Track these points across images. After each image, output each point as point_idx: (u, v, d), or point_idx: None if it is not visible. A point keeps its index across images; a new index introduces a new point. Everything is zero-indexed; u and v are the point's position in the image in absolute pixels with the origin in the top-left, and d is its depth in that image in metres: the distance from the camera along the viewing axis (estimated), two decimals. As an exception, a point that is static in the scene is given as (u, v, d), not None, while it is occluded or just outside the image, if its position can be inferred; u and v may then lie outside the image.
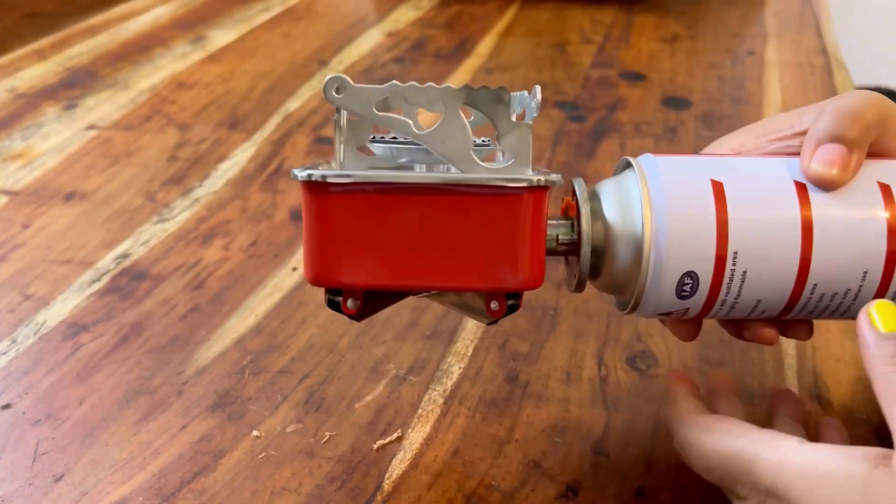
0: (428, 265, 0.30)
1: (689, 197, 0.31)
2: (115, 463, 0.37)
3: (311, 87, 0.75)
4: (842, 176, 0.31)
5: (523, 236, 0.30)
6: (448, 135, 0.29)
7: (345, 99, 0.29)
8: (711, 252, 0.30)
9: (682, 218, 0.31)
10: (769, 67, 0.81)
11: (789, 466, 0.27)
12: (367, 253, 0.30)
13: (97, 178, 0.60)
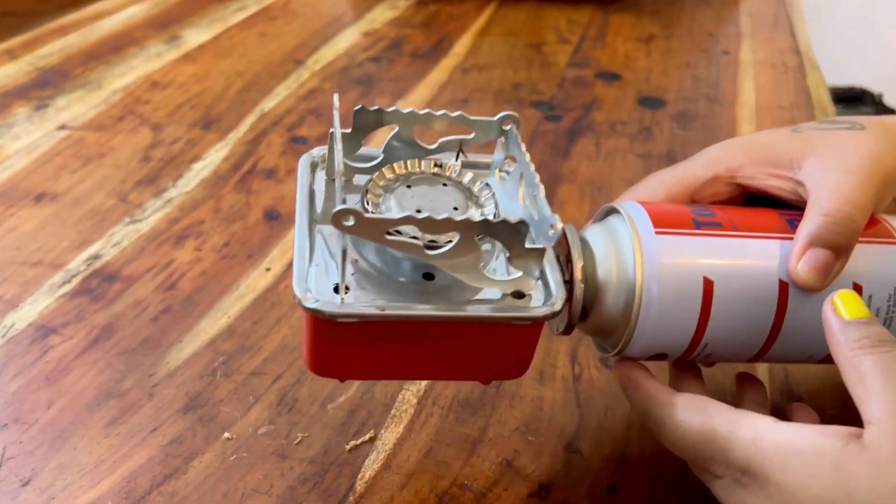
0: (426, 368, 0.32)
1: (680, 296, 0.32)
2: (83, 467, 0.37)
3: (286, 86, 0.74)
4: (823, 283, 0.32)
5: (520, 351, 0.32)
6: (460, 260, 0.29)
7: (356, 227, 0.28)
8: (685, 343, 0.33)
9: (669, 314, 0.32)
10: (743, 67, 0.82)
11: (764, 444, 0.28)
12: (368, 361, 0.31)
13: (68, 178, 0.59)
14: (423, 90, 0.75)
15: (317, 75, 0.77)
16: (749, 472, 0.28)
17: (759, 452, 0.28)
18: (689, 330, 0.32)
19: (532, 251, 0.29)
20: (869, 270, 0.33)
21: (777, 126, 0.68)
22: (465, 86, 0.76)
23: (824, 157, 0.33)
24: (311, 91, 0.74)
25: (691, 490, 0.35)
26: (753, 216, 0.34)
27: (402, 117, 0.35)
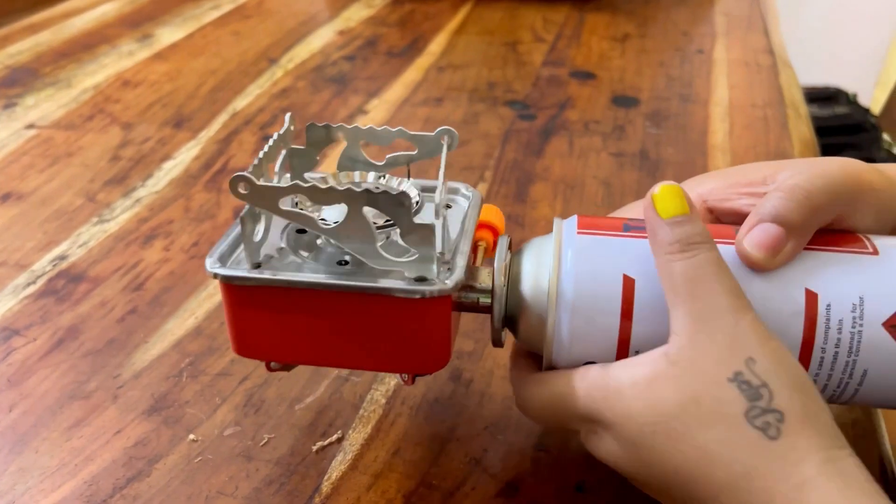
0: (338, 350, 0.32)
1: (598, 296, 0.30)
2: (44, 470, 0.36)
3: (259, 85, 0.74)
4: (769, 262, 0.30)
5: (423, 335, 0.31)
6: (352, 232, 0.30)
7: (250, 196, 0.29)
8: (612, 347, 0.30)
9: (587, 314, 0.30)
10: (717, 66, 0.82)
11: (594, 392, 0.29)
12: (280, 337, 0.32)
13: (35, 178, 0.58)
14: (397, 89, 0.74)
15: (290, 74, 0.76)
16: (592, 420, 0.29)
17: (593, 401, 0.29)
18: (613, 333, 0.30)
19: (421, 226, 0.30)
20: (828, 278, 0.30)
21: (749, 123, 0.69)
22: (439, 85, 0.76)
23: (798, 166, 0.32)
24: (285, 90, 0.73)
25: (658, 487, 0.35)
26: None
27: (349, 132, 0.36)
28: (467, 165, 0.61)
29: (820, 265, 0.30)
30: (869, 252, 0.31)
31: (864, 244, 0.31)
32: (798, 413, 0.26)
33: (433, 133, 0.36)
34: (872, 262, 0.30)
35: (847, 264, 0.30)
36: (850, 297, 0.30)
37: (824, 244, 0.31)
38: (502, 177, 0.60)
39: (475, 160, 0.62)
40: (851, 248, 0.31)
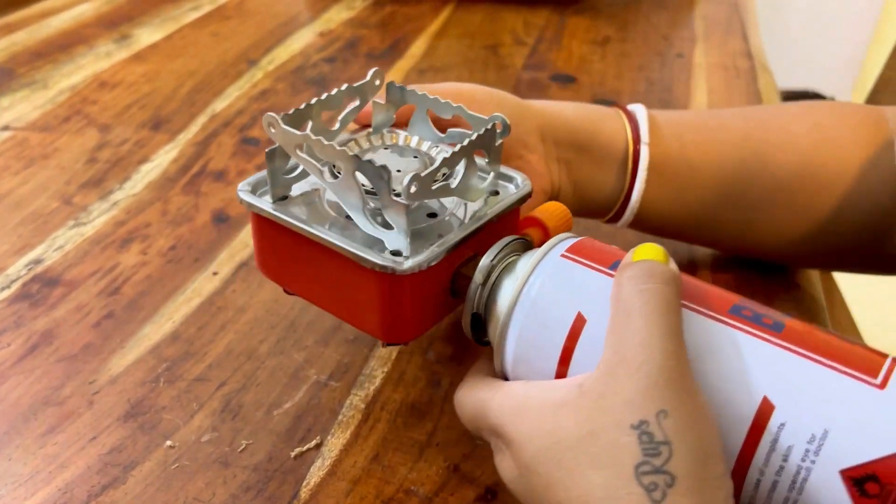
0: (323, 294, 0.35)
1: (548, 322, 0.29)
2: (18, 478, 0.36)
3: (238, 87, 0.73)
4: None
5: (381, 304, 0.32)
6: (344, 191, 0.32)
7: (276, 135, 0.32)
8: (550, 375, 0.30)
9: (534, 336, 0.30)
10: (696, 70, 0.83)
11: (507, 406, 0.28)
12: (286, 266, 0.36)
13: (10, 180, 0.58)
14: (378, 91, 0.74)
15: (270, 76, 0.76)
16: (499, 434, 0.28)
17: (503, 414, 0.28)
18: (552, 363, 0.29)
19: (396, 203, 0.31)
20: (797, 393, 0.25)
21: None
22: (420, 87, 0.76)
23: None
24: (264, 91, 0.73)
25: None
26: (700, 289, 0.29)
27: (419, 98, 0.38)
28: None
29: (796, 375, 0.26)
30: (874, 383, 0.25)
31: (877, 370, 0.25)
32: (692, 484, 0.23)
33: (486, 117, 0.36)
34: (867, 396, 0.25)
35: (831, 385, 0.25)
36: (813, 425, 0.25)
37: (829, 355, 0.26)
38: (483, 180, 0.60)
39: (456, 163, 0.62)
40: (854, 371, 0.25)
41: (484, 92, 0.41)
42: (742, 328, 0.27)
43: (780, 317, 0.28)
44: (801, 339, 0.26)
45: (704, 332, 0.27)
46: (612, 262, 0.30)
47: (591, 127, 0.43)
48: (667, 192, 0.44)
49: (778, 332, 0.27)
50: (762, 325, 0.27)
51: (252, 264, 0.49)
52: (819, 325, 0.30)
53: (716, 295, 0.29)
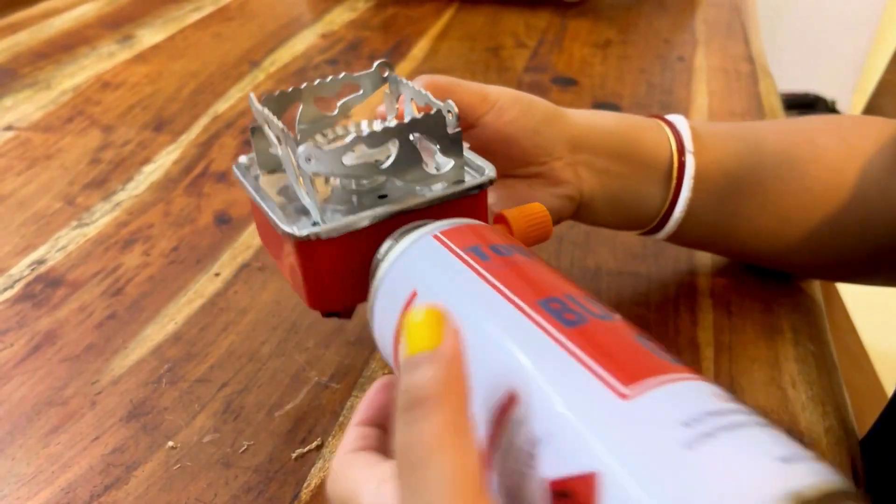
0: (281, 263, 0.37)
1: (390, 296, 0.29)
2: (20, 478, 0.36)
3: (240, 88, 0.74)
4: None
5: (298, 269, 0.34)
6: (286, 164, 0.33)
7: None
8: (390, 355, 0.30)
9: (383, 321, 0.30)
10: (697, 73, 0.83)
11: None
12: (267, 239, 0.38)
13: (13, 181, 0.58)
14: (380, 93, 0.74)
15: (272, 77, 0.76)
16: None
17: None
18: (390, 339, 0.29)
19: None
20: (537, 385, 0.22)
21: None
22: (422, 89, 0.76)
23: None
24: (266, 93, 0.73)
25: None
26: (546, 280, 0.27)
27: (302, 93, 0.38)
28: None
29: (550, 372, 0.23)
30: (620, 392, 0.21)
31: (633, 380, 0.21)
32: None
33: (372, 69, 0.38)
34: (604, 406, 0.21)
35: (577, 387, 0.22)
36: (542, 427, 0.22)
37: (600, 356, 0.22)
38: (484, 183, 0.60)
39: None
40: (609, 376, 0.22)
41: (510, 96, 0.41)
42: (534, 319, 0.25)
43: (590, 314, 0.25)
44: (586, 338, 0.23)
45: (501, 316, 0.25)
46: (469, 245, 0.29)
47: (633, 136, 0.43)
48: (706, 203, 0.44)
49: (568, 327, 0.24)
50: (559, 320, 0.24)
51: (254, 265, 0.50)
52: (789, 330, 0.28)
53: (538, 283, 0.27)
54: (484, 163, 0.37)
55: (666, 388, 0.21)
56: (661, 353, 0.23)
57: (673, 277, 0.50)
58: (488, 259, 0.28)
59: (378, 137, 0.32)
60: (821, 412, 0.40)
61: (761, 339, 0.45)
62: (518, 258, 0.29)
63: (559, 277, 0.28)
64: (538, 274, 0.28)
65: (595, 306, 0.26)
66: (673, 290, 0.49)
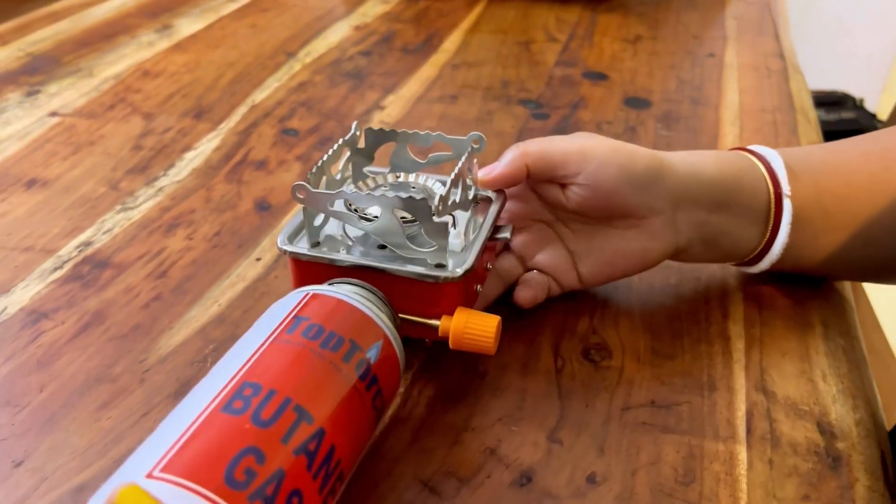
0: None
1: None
2: (74, 449, 0.37)
3: (277, 78, 0.75)
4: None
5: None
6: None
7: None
8: None
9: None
10: (728, 70, 0.83)
11: None
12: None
13: (59, 165, 0.60)
14: (413, 85, 0.76)
15: (308, 68, 0.78)
16: None
17: None
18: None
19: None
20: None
21: (759, 128, 0.70)
22: (454, 82, 0.77)
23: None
24: (302, 84, 0.74)
25: (665, 480, 0.36)
26: None
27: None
28: (481, 162, 0.62)
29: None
30: (150, 471, 0.26)
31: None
32: None
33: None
34: (138, 468, 0.26)
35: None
36: None
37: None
38: (516, 175, 0.61)
39: (489, 157, 0.63)
40: (169, 452, 0.26)
41: (609, 150, 0.42)
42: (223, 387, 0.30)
43: (251, 413, 0.29)
44: (211, 422, 0.28)
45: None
46: (298, 314, 0.34)
47: (733, 184, 0.44)
48: (802, 239, 0.44)
49: (220, 409, 0.29)
50: (227, 400, 0.29)
51: (293, 252, 0.51)
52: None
53: (269, 369, 0.31)
54: (467, 257, 0.40)
55: (178, 490, 0.25)
56: (230, 480, 0.26)
57: (704, 269, 0.50)
58: (289, 332, 0.33)
59: (368, 200, 0.38)
60: (851, 405, 0.41)
61: (792, 333, 0.45)
62: (290, 346, 0.32)
63: (292, 375, 0.31)
64: (281, 363, 0.31)
65: (273, 414, 0.29)
66: (704, 282, 0.49)
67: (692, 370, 0.43)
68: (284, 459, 0.28)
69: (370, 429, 0.33)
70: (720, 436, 0.39)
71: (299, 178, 0.59)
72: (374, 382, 0.33)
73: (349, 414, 0.31)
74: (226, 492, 0.25)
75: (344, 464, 0.31)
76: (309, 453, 0.28)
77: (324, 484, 0.29)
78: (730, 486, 0.37)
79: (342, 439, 0.30)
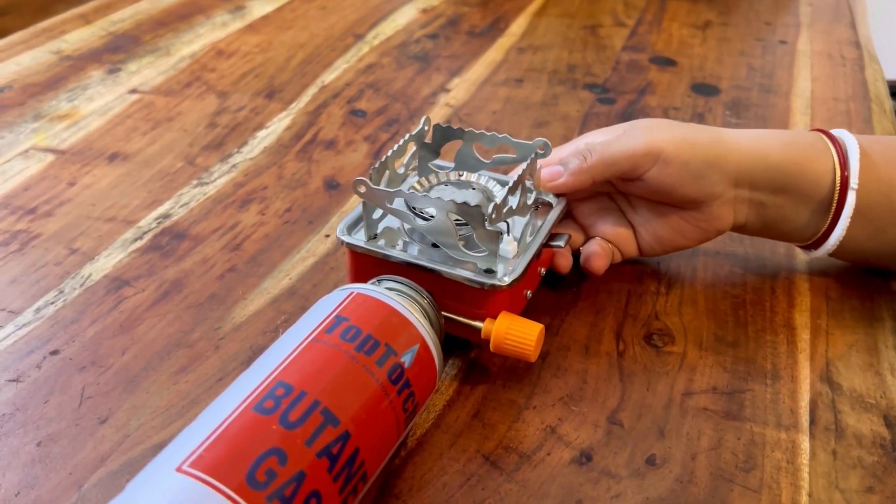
0: None
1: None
2: (155, 409, 0.39)
3: (345, 59, 0.76)
4: (549, 187, 0.45)
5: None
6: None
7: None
8: None
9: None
10: (800, 57, 0.81)
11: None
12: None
13: (139, 140, 0.62)
14: (478, 68, 0.76)
15: (375, 50, 0.79)
16: None
17: None
18: None
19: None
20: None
21: (831, 117, 0.68)
22: (520, 65, 0.77)
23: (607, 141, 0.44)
24: (370, 65, 0.75)
25: (725, 466, 0.37)
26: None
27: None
28: (546, 147, 0.63)
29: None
30: (179, 466, 0.28)
31: None
32: None
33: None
34: (166, 462, 0.28)
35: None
36: None
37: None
38: (581, 159, 0.62)
39: (554, 141, 0.63)
40: (201, 444, 0.28)
41: (673, 147, 0.42)
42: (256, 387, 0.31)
43: (280, 414, 0.30)
44: (243, 421, 0.30)
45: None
46: (339, 314, 0.35)
47: (797, 168, 0.43)
48: (865, 231, 0.44)
49: (253, 409, 0.30)
50: (258, 399, 0.31)
51: (361, 229, 0.52)
52: None
53: (301, 369, 0.32)
54: (518, 264, 0.40)
55: (201, 487, 0.27)
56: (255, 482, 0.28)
57: (771, 259, 0.50)
58: (328, 332, 0.34)
59: (424, 201, 0.38)
60: (919, 399, 0.40)
61: (860, 326, 0.45)
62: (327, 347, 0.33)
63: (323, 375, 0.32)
64: (313, 364, 0.32)
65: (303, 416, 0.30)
66: (770, 272, 0.49)
67: (756, 358, 0.43)
68: (307, 462, 0.29)
69: (399, 430, 0.34)
70: (782, 424, 0.39)
71: (367, 158, 0.61)
72: (406, 386, 0.34)
73: (377, 417, 0.32)
74: (246, 491, 0.27)
75: (368, 465, 0.32)
76: (332, 456, 0.30)
77: (344, 485, 0.30)
78: (791, 474, 0.37)
79: (367, 442, 0.31)
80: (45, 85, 0.69)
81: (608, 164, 0.43)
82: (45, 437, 0.38)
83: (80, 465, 0.36)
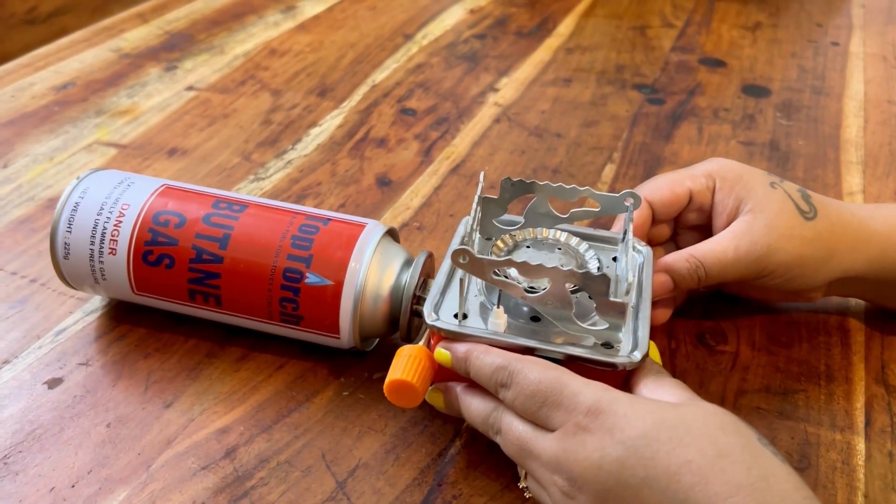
0: None
1: None
2: (217, 395, 0.41)
3: (395, 59, 0.77)
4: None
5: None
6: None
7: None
8: None
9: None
10: (853, 59, 0.81)
11: (613, 392, 0.32)
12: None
13: (196, 136, 0.64)
14: (527, 69, 0.77)
15: (424, 50, 0.80)
16: (594, 410, 0.30)
17: (608, 394, 0.31)
18: None
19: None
20: None
21: (885, 120, 0.68)
22: (568, 65, 0.78)
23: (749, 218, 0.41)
24: (420, 65, 0.76)
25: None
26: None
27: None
28: (595, 146, 0.63)
29: None
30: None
31: None
32: None
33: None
34: None
35: None
36: None
37: None
38: (630, 159, 0.62)
39: (603, 141, 0.64)
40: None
41: (784, 265, 0.40)
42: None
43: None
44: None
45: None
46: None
47: None
48: None
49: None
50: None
51: (413, 225, 0.53)
52: None
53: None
54: (638, 335, 0.35)
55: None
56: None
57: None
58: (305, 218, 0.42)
59: (539, 271, 0.33)
60: (977, 403, 0.40)
61: (916, 328, 0.45)
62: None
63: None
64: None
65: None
66: (823, 274, 0.49)
67: (809, 359, 0.43)
68: (188, 238, 0.41)
69: (271, 315, 0.41)
70: (837, 425, 0.39)
71: (417, 156, 0.62)
72: (295, 294, 0.40)
73: (250, 281, 0.40)
74: (148, 220, 0.42)
75: (223, 293, 0.41)
76: (201, 254, 0.41)
77: (194, 280, 0.41)
78: (847, 475, 0.37)
79: (232, 282, 0.40)
80: (106, 81, 0.72)
81: (720, 272, 0.40)
82: (114, 419, 0.39)
83: (148, 446, 0.38)
